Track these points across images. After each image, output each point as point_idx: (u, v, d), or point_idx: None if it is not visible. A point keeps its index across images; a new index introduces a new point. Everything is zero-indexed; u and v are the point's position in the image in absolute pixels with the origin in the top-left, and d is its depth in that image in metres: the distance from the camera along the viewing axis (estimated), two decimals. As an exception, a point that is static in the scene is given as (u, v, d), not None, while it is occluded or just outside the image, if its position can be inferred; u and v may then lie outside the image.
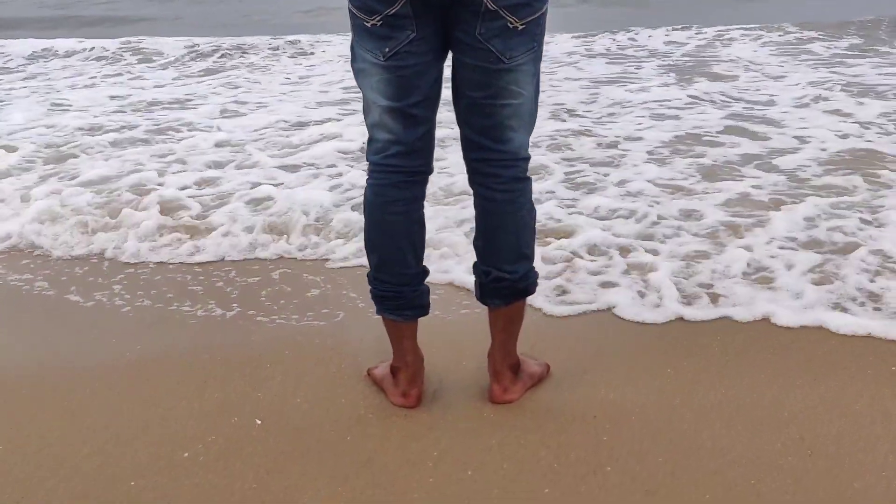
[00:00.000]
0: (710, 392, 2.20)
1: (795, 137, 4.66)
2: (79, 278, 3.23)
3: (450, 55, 2.00)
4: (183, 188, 4.17)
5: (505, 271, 2.09)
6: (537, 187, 3.70)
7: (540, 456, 1.95)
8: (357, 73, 2.02)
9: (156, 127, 5.56)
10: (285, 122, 5.61)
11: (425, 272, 2.17)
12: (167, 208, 3.86)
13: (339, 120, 5.56)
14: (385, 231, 2.08)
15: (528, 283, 2.13)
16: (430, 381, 2.27)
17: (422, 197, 2.10)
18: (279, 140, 5.11)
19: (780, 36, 8.55)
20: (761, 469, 1.87)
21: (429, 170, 2.09)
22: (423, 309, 2.18)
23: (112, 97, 6.77)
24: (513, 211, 2.07)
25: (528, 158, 2.07)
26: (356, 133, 5.00)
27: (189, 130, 5.43)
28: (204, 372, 2.43)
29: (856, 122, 4.93)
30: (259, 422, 2.15)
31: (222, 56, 8.83)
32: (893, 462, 1.88)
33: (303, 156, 4.71)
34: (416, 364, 2.20)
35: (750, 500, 1.77)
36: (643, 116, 5.36)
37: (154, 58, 8.93)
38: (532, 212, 2.12)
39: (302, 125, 5.47)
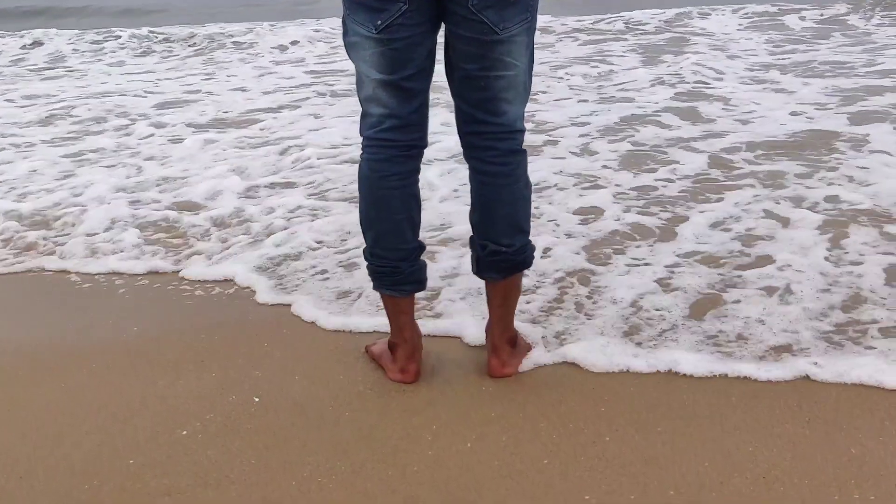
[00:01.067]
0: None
1: (737, 120, 4.63)
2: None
3: (442, 28, 1.99)
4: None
5: (502, 244, 2.08)
6: (456, 179, 3.67)
7: (539, 428, 1.95)
8: (349, 46, 2.00)
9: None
10: (229, 112, 5.63)
11: (422, 247, 2.16)
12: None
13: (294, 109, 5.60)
14: (382, 206, 2.07)
15: (525, 255, 2.12)
16: (428, 356, 2.27)
17: (417, 171, 2.09)
18: (214, 132, 5.12)
19: (758, 4, 8.62)
20: (759, 436, 1.87)
21: (423, 143, 2.07)
22: (421, 284, 2.17)
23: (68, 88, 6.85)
24: (509, 184, 2.06)
25: (523, 131, 2.06)
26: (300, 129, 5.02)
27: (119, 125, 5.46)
28: (202, 350, 2.43)
29: (800, 103, 4.94)
30: (257, 399, 2.15)
31: (195, 44, 8.84)
32: (890, 427, 1.89)
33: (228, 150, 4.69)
34: (414, 340, 2.20)
35: (748, 467, 1.77)
36: (596, 99, 5.38)
37: (124, 46, 8.96)
38: (528, 185, 2.11)
39: (252, 114, 5.49)
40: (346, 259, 3.02)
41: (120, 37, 9.58)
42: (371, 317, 2.53)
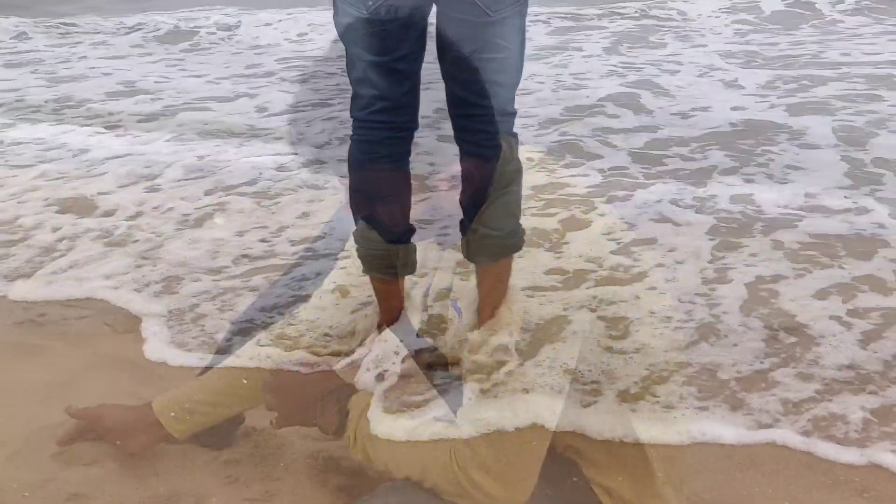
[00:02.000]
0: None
1: (676, 113, 4.58)
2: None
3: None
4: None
5: (493, 228, 2.08)
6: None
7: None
8: (339, 27, 1.98)
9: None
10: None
11: (412, 230, 2.15)
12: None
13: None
14: (372, 188, 2.06)
15: (515, 239, 2.11)
16: (417, 339, 2.26)
17: (408, 153, 2.08)
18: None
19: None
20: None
21: (415, 126, 2.06)
22: (412, 267, 2.17)
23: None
24: (500, 167, 2.05)
25: (514, 114, 2.05)
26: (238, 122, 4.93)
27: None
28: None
29: (746, 94, 4.93)
30: (245, 381, 2.14)
31: (177, 28, 8.76)
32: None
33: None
34: (404, 323, 2.20)
35: (735, 449, 1.78)
36: (552, 88, 5.36)
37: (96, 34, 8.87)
38: (519, 168, 2.10)
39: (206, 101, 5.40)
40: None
41: (92, 24, 9.49)
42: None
